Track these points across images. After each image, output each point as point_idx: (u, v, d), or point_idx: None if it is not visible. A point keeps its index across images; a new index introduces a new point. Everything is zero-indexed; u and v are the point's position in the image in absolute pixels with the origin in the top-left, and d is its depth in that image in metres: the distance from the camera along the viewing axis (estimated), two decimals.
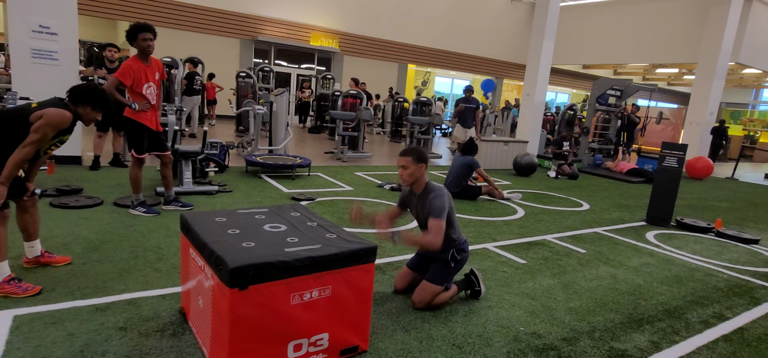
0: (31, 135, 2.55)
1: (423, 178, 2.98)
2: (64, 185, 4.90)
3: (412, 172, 2.91)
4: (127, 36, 4.03)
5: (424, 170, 2.96)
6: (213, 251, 2.06)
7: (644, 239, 5.28)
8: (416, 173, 2.92)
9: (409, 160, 2.90)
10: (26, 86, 5.63)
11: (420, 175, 2.95)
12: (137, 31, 4.00)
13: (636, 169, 10.32)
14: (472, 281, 3.19)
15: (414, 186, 2.99)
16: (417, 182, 2.96)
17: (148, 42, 4.04)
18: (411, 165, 2.90)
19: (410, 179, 2.93)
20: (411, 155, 2.91)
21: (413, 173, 2.92)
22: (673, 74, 23.89)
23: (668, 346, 2.82)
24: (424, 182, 2.98)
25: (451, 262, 2.99)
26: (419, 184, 2.97)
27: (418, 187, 2.98)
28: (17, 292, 2.61)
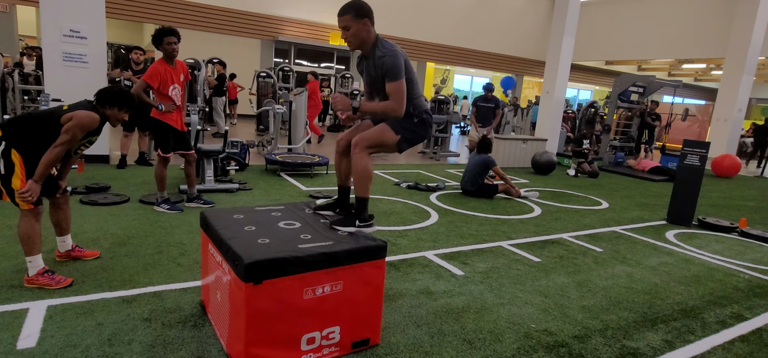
0: (61, 136, 2.70)
1: (370, 35, 2.52)
2: (93, 183, 5.12)
3: (355, 31, 2.47)
4: (152, 39, 4.19)
5: (369, 26, 2.51)
6: (230, 246, 2.16)
7: (664, 238, 5.20)
8: (360, 32, 2.48)
9: (348, 18, 2.44)
10: (58, 88, 5.89)
11: (366, 33, 2.50)
12: (163, 35, 4.16)
13: (659, 167, 10.12)
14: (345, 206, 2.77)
15: (362, 48, 2.56)
16: (364, 42, 2.52)
17: (172, 45, 4.20)
18: (352, 23, 2.45)
19: (355, 41, 2.50)
20: (350, 11, 2.45)
21: (357, 33, 2.48)
22: (700, 70, 23.26)
23: (682, 345, 2.81)
24: (372, 38, 2.53)
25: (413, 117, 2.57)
26: (366, 43, 2.53)
27: (365, 47, 2.54)
28: (50, 284, 2.77)
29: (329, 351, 2.31)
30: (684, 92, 24.84)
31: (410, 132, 2.64)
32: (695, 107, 19.80)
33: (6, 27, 12.97)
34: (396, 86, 2.45)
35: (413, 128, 2.65)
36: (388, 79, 2.46)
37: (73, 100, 2.99)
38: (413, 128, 2.65)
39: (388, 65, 2.44)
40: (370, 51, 2.56)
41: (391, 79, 2.45)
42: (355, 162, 2.54)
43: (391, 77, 2.45)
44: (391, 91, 2.46)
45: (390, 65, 2.43)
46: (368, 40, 2.54)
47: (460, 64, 20.78)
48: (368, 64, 2.60)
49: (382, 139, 2.57)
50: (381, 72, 2.49)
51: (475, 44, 19.82)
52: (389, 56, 2.45)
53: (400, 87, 2.45)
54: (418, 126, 2.65)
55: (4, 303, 2.57)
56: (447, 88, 24.02)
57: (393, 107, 2.47)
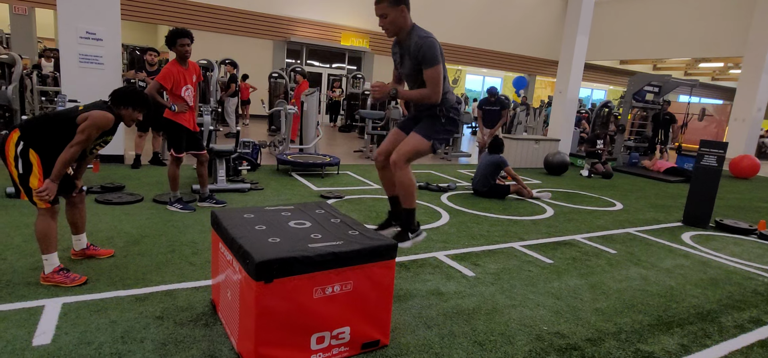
0: (77, 136, 2.74)
1: (406, 22, 2.57)
2: (107, 182, 5.20)
3: (392, 18, 2.52)
4: (166, 41, 4.24)
5: (406, 13, 2.55)
6: (240, 245, 2.17)
7: (680, 240, 5.11)
8: (397, 19, 2.52)
9: (385, 5, 2.49)
10: (74, 89, 5.99)
11: (403, 20, 2.54)
12: (176, 37, 4.21)
13: (675, 168, 9.95)
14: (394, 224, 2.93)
15: (399, 35, 2.61)
16: (400, 29, 2.57)
17: (185, 47, 4.24)
18: (389, 10, 2.50)
19: (393, 28, 2.56)
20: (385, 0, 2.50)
21: (394, 20, 2.52)
22: (717, 69, 22.84)
23: (699, 350, 2.75)
24: (409, 25, 2.58)
25: (440, 117, 2.64)
26: (403, 30, 2.58)
27: (402, 34, 2.59)
28: (65, 281, 2.81)
29: (339, 351, 2.31)
30: (701, 92, 24.42)
31: (441, 133, 2.70)
32: (712, 107, 19.43)
33: (25, 29, 13.25)
34: (433, 72, 2.48)
35: (443, 129, 2.71)
36: (425, 65, 2.48)
37: (90, 101, 3.04)
38: (443, 129, 2.71)
39: (426, 51, 2.46)
40: (406, 38, 2.58)
41: (428, 65, 2.48)
42: (399, 178, 2.67)
43: (428, 64, 2.48)
44: (428, 77, 2.49)
45: (427, 51, 2.46)
46: (405, 27, 2.57)
47: (471, 64, 20.69)
48: (403, 50, 2.62)
49: (417, 149, 2.65)
50: (417, 58, 2.50)
51: (486, 44, 19.72)
52: (427, 43, 2.47)
53: (437, 73, 2.48)
54: (447, 124, 2.69)
55: (21, 300, 2.62)
56: (458, 88, 23.93)
57: (428, 94, 2.50)
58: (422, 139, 2.62)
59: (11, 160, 2.72)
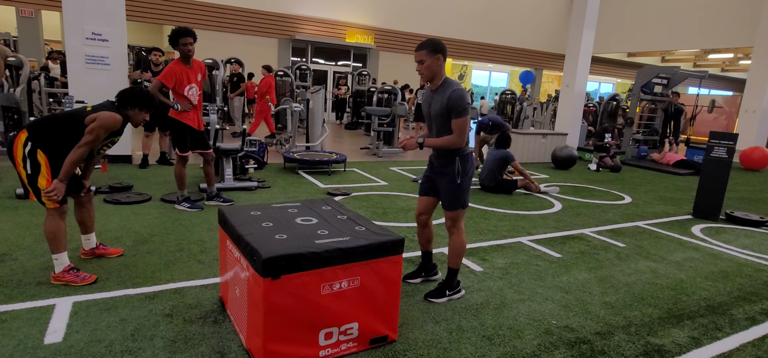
0: (85, 136, 2.76)
1: (441, 71, 2.80)
2: (116, 182, 5.24)
3: (429, 65, 2.74)
4: (169, 40, 4.25)
5: (442, 62, 2.78)
6: (248, 242, 2.17)
7: (689, 233, 5.06)
8: (433, 66, 2.75)
9: (424, 53, 2.73)
10: (81, 90, 6.03)
11: (438, 68, 2.78)
12: (179, 36, 4.21)
13: (684, 160, 9.85)
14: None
15: (432, 82, 2.83)
16: (435, 76, 2.80)
17: (188, 46, 4.25)
18: (427, 57, 2.73)
19: (428, 74, 2.78)
20: (426, 48, 2.74)
21: (430, 66, 2.75)
22: (727, 60, 22.56)
23: (709, 342, 2.72)
24: (443, 75, 2.81)
25: (457, 178, 2.83)
26: (438, 78, 2.80)
27: (436, 82, 2.82)
28: (76, 280, 2.84)
29: (347, 347, 2.31)
30: (710, 83, 24.14)
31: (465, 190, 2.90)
32: (722, 99, 19.19)
33: (32, 32, 13.35)
34: (461, 122, 2.72)
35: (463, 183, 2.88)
36: (454, 115, 2.72)
37: (96, 101, 3.06)
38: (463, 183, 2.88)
39: (456, 101, 2.69)
40: (438, 86, 2.81)
41: (457, 115, 2.71)
42: (454, 241, 2.94)
43: (457, 114, 2.71)
44: (456, 125, 2.73)
45: (458, 102, 2.69)
46: (439, 75, 2.81)
47: (477, 59, 20.58)
48: (434, 97, 2.83)
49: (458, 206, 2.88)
50: (446, 107, 2.72)
51: (492, 39, 19.61)
52: (458, 94, 2.71)
53: (465, 124, 2.73)
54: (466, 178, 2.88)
55: (32, 299, 2.65)
56: (465, 83, 23.83)
57: (454, 141, 2.75)
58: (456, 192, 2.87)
59: (19, 160, 2.75)
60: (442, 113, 2.77)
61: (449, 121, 2.76)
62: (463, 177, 2.86)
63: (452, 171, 2.84)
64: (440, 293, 2.98)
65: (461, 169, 2.84)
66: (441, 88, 2.79)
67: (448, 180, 2.86)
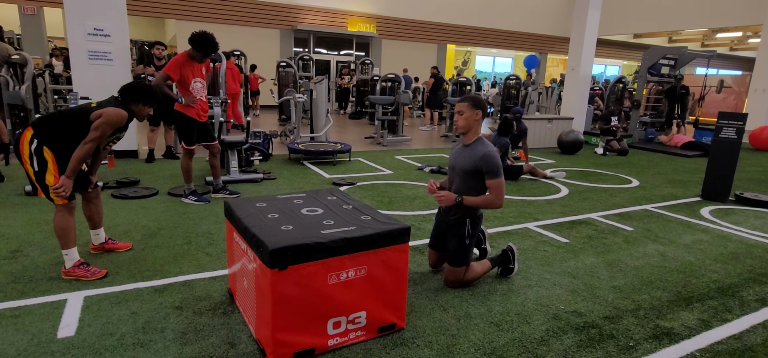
0: (91, 133, 2.76)
1: (478, 127, 2.91)
2: (123, 178, 5.27)
3: (467, 117, 2.86)
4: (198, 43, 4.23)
5: (480, 117, 2.89)
6: (254, 234, 2.18)
7: (698, 215, 5.02)
8: (471, 119, 2.87)
9: (465, 106, 2.86)
10: (85, 86, 6.05)
11: (475, 123, 2.89)
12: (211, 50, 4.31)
13: (692, 142, 9.75)
14: (508, 257, 3.17)
15: (466, 135, 2.93)
16: (471, 130, 2.91)
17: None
18: (467, 110, 2.85)
19: (465, 126, 2.88)
20: (468, 101, 2.87)
21: (468, 119, 2.86)
22: (735, 39, 22.21)
23: (719, 324, 2.71)
24: (478, 132, 2.92)
25: (466, 239, 2.94)
26: (473, 132, 2.91)
27: (470, 136, 2.92)
28: (86, 275, 2.87)
29: (356, 335, 2.32)
30: (718, 63, 23.80)
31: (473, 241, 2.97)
32: (731, 78, 18.92)
33: (35, 29, 13.38)
34: (497, 183, 2.81)
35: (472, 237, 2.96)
36: (490, 176, 2.81)
37: (100, 97, 3.07)
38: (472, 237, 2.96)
39: (492, 163, 2.78)
40: (471, 140, 2.91)
41: (493, 176, 2.80)
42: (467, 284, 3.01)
43: (493, 175, 2.80)
44: (492, 186, 2.83)
45: (494, 163, 2.78)
46: (475, 130, 2.91)
47: (481, 44, 20.40)
48: (464, 152, 2.93)
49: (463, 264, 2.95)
50: (477, 166, 2.82)
51: (496, 23, 19.40)
52: (494, 156, 2.79)
53: (501, 184, 2.82)
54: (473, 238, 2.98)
55: (44, 295, 2.68)
56: (468, 70, 23.65)
57: (493, 201, 2.84)
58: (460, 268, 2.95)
59: (26, 158, 2.76)
60: (470, 170, 2.86)
61: (475, 178, 2.87)
62: (471, 239, 2.96)
63: (462, 232, 2.93)
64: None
65: (470, 231, 2.94)
66: (473, 145, 2.89)
67: (457, 240, 2.94)
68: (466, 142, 2.94)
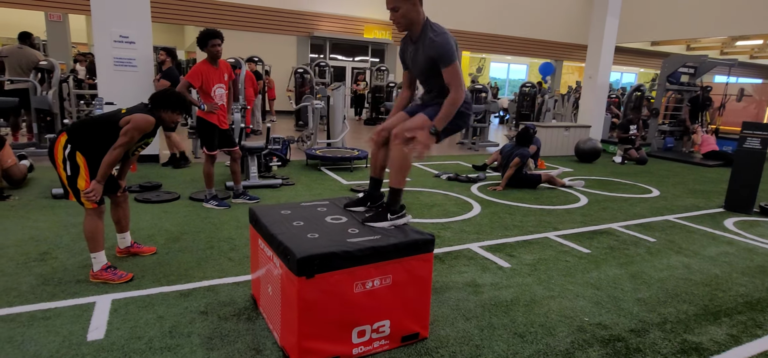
0: (120, 138, 2.83)
1: (419, 17, 2.44)
2: (145, 182, 5.35)
3: (404, 12, 2.40)
4: (198, 42, 4.32)
5: (419, 7, 2.43)
6: (281, 242, 2.20)
7: (722, 226, 4.93)
8: (410, 13, 2.41)
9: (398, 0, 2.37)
10: (110, 92, 6.18)
11: (415, 14, 2.42)
12: (207, 38, 4.28)
13: (714, 151, 9.58)
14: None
15: (411, 31, 2.50)
16: (413, 23, 2.45)
17: (216, 47, 4.31)
18: (401, 3, 2.38)
19: (404, 22, 2.44)
20: None
21: (406, 13, 2.41)
22: (756, 47, 21.79)
23: (749, 340, 2.65)
24: (422, 20, 2.45)
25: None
26: (416, 24, 2.45)
27: (415, 29, 2.47)
28: (113, 278, 2.92)
29: (379, 344, 2.33)
30: (737, 71, 23.35)
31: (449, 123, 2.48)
32: (751, 87, 18.55)
33: (60, 35, 13.70)
34: (452, 70, 2.35)
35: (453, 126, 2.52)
36: (443, 63, 2.36)
37: (125, 102, 3.14)
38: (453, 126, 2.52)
39: (442, 47, 2.33)
40: (419, 34, 2.48)
41: (447, 63, 2.35)
42: (394, 152, 2.47)
43: (447, 61, 2.35)
44: (448, 76, 2.36)
45: (444, 47, 2.33)
46: (418, 22, 2.45)
47: (496, 51, 20.32)
48: (416, 48, 2.51)
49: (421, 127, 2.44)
50: (432, 55, 2.39)
51: (511, 30, 19.32)
52: (442, 39, 2.35)
53: (456, 69, 2.36)
54: (457, 117, 2.48)
55: (73, 297, 2.73)
56: (483, 77, 23.59)
57: (454, 98, 2.36)
58: (426, 119, 2.45)
59: (60, 162, 2.83)
60: (427, 64, 2.45)
61: (437, 71, 2.42)
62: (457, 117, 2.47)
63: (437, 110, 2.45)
64: (382, 216, 2.51)
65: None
66: (422, 36, 2.46)
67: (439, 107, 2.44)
68: (414, 38, 2.50)
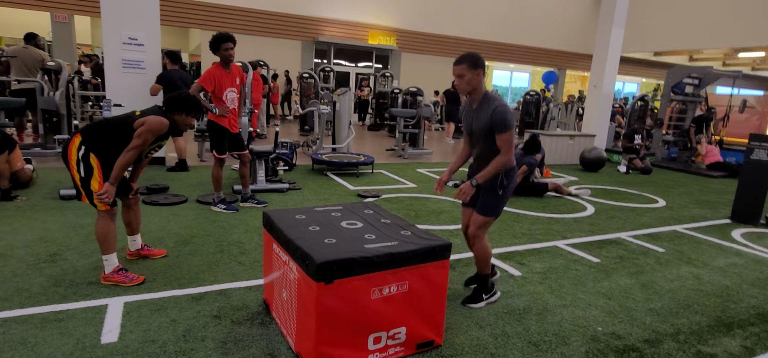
0: (134, 140, 2.83)
1: (481, 86, 2.76)
2: (153, 184, 5.35)
3: (468, 79, 2.69)
4: (210, 46, 4.33)
5: (481, 77, 2.74)
6: (298, 246, 2.20)
7: (730, 237, 4.92)
8: (473, 81, 2.71)
9: (464, 68, 2.68)
10: (118, 93, 6.18)
11: (477, 83, 2.73)
12: (220, 42, 4.29)
13: (719, 162, 9.58)
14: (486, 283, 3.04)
15: (471, 96, 2.79)
16: (475, 91, 2.75)
17: (229, 51, 4.32)
18: (467, 72, 2.68)
19: (467, 88, 2.73)
20: (465, 62, 2.69)
21: (470, 81, 2.70)
22: (758, 59, 21.85)
23: (763, 351, 2.65)
24: (482, 90, 2.77)
25: (498, 190, 2.81)
26: (477, 92, 2.76)
27: (475, 96, 2.78)
28: (125, 281, 2.91)
29: (395, 351, 2.32)
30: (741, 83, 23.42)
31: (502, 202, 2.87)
32: (754, 98, 18.59)
33: (66, 36, 13.76)
34: (507, 137, 2.67)
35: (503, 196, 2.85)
36: (498, 130, 2.66)
37: (132, 104, 3.14)
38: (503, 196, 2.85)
39: (500, 117, 2.64)
40: (478, 100, 2.78)
41: (501, 131, 2.66)
42: (476, 250, 2.93)
43: (501, 129, 2.66)
44: (501, 141, 2.68)
45: (501, 117, 2.64)
46: (479, 89, 2.76)
47: (499, 59, 20.39)
48: (476, 112, 2.79)
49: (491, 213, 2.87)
50: (488, 122, 2.69)
51: (514, 39, 19.40)
52: (503, 110, 2.65)
53: (510, 138, 2.68)
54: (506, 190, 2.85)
55: (85, 299, 2.73)
56: (486, 84, 23.65)
57: (503, 161, 2.71)
58: (487, 217, 2.88)
59: (74, 164, 2.83)
60: (485, 130, 2.74)
61: (492, 137, 2.73)
62: (505, 189, 2.84)
63: (495, 182, 2.82)
64: (477, 298, 2.98)
65: (504, 181, 2.82)
66: (482, 104, 2.76)
67: (489, 190, 2.84)
68: (474, 104, 2.80)
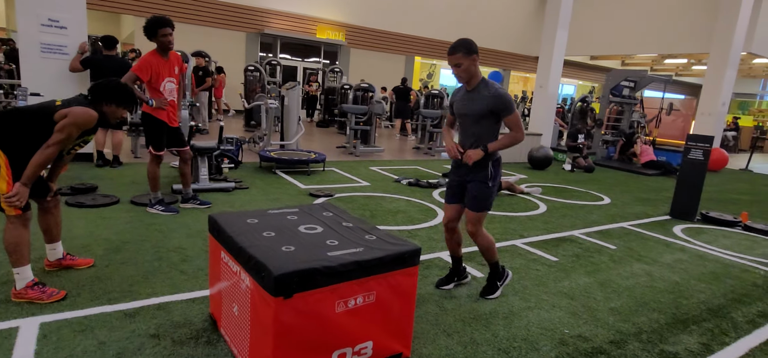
0: (55, 135, 2.42)
1: (478, 72, 2.81)
2: (78, 183, 4.79)
3: (466, 66, 2.73)
4: (145, 31, 3.88)
5: (477, 62, 2.78)
6: (252, 255, 1.94)
7: (672, 233, 5.14)
8: (470, 67, 2.75)
9: (460, 56, 2.71)
10: (36, 81, 5.51)
11: (475, 69, 2.78)
12: (157, 27, 3.85)
13: (653, 161, 10.16)
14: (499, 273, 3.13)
15: (470, 83, 2.81)
16: (473, 77, 2.79)
17: (167, 37, 3.89)
18: (463, 60, 2.71)
19: (466, 75, 2.77)
20: (461, 50, 2.70)
21: (467, 68, 2.74)
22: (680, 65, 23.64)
23: (720, 348, 2.70)
24: (480, 76, 2.82)
25: (489, 181, 2.85)
26: (475, 78, 2.80)
27: (472, 82, 2.81)
28: (42, 297, 2.50)
29: None
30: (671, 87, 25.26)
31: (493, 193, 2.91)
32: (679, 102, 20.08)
33: None
34: (515, 117, 2.80)
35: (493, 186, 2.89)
36: (506, 113, 2.78)
37: (52, 93, 2.71)
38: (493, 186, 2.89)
39: (506, 101, 2.74)
40: (476, 86, 2.81)
41: (510, 112, 2.78)
42: (480, 245, 2.99)
43: (509, 111, 2.77)
44: (511, 122, 2.81)
45: (507, 100, 2.74)
46: (476, 76, 2.81)
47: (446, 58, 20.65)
48: (472, 97, 2.82)
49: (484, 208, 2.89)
50: (494, 106, 2.75)
51: None
52: (505, 94, 2.77)
53: (518, 119, 2.81)
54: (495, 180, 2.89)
55: None
56: (433, 81, 23.88)
57: (516, 137, 2.83)
58: (483, 213, 2.91)
59: None
60: (485, 113, 2.78)
61: (489, 119, 2.80)
62: (494, 181, 2.88)
63: (485, 176, 2.84)
64: (493, 288, 3.07)
65: (493, 173, 2.86)
66: (479, 89, 2.80)
67: (479, 183, 2.85)
68: (470, 89, 2.84)
